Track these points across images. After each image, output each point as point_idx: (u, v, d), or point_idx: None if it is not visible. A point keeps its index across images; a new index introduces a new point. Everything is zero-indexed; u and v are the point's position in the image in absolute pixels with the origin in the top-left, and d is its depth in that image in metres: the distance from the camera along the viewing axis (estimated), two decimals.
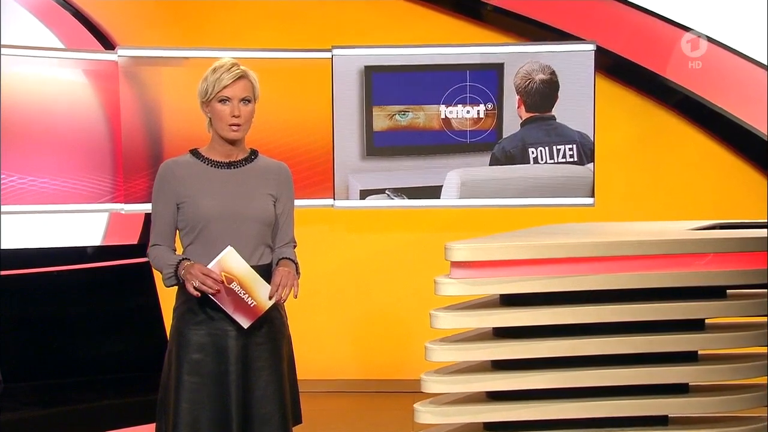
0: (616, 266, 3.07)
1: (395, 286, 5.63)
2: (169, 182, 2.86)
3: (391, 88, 5.18)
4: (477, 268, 3.06)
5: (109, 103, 4.99)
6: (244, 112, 2.85)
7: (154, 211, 2.90)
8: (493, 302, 3.23)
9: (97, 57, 5.03)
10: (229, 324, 2.80)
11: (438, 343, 3.12)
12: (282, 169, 2.99)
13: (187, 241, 2.87)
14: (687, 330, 3.14)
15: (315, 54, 5.20)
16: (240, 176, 2.89)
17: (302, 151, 5.18)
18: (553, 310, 3.08)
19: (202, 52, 5.08)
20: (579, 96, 5.14)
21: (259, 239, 2.87)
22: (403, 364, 5.46)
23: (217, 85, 2.83)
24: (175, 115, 5.01)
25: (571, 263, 3.06)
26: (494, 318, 3.12)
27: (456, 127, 5.20)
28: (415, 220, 5.60)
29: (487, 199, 5.19)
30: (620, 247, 3.07)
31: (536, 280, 3.05)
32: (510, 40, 5.50)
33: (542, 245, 3.06)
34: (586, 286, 3.06)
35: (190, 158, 2.91)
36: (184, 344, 2.81)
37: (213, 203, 2.83)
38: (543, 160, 5.18)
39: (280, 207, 2.94)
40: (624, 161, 5.55)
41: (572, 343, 3.08)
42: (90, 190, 4.96)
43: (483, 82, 5.17)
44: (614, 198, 5.44)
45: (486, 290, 3.12)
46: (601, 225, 4.08)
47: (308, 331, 5.28)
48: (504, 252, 3.06)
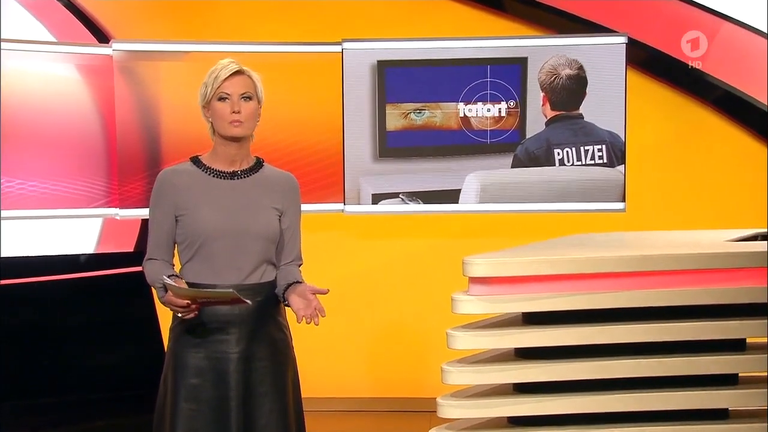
0: (648, 282, 3.05)
1: (410, 297, 5.62)
2: (167, 192, 2.86)
3: (405, 85, 5.17)
4: (497, 284, 3.06)
5: (104, 101, 5.00)
6: (245, 108, 2.85)
7: (150, 222, 2.91)
8: (514, 321, 3.22)
9: (90, 51, 5.04)
10: (231, 346, 2.80)
11: (455, 365, 3.12)
12: (289, 180, 2.99)
13: (186, 257, 2.87)
14: (726, 351, 3.12)
15: (323, 48, 5.19)
16: (243, 188, 2.89)
17: (310, 152, 5.17)
18: (579, 329, 3.07)
19: (202, 46, 5.09)
20: (609, 92, 5.12)
21: (262, 256, 2.87)
22: (419, 381, 5.45)
23: (215, 82, 2.86)
24: (174, 114, 5.01)
25: (600, 279, 3.04)
26: (516, 338, 3.11)
27: (475, 127, 5.19)
28: (431, 226, 5.58)
29: (508, 204, 5.17)
30: (653, 262, 3.05)
31: (561, 297, 3.04)
32: (534, 32, 5.48)
33: (568, 260, 3.04)
34: (616, 303, 3.05)
35: (190, 166, 2.91)
36: (181, 368, 2.81)
37: (214, 217, 2.83)
38: (569, 161, 5.16)
39: (285, 221, 2.94)
40: (658, 163, 5.52)
41: (601, 365, 3.07)
42: (82, 193, 4.97)
43: (505, 77, 5.16)
44: (647, 203, 5.41)
45: (507, 308, 3.12)
46: (633, 235, 4.06)
47: (316, 345, 5.27)
48: (526, 267, 3.05)
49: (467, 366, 3.12)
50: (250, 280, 2.82)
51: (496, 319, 3.24)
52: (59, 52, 4.95)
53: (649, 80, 5.50)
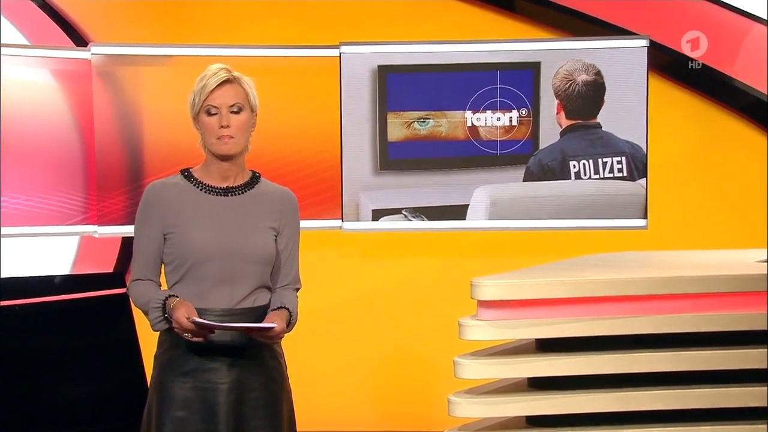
0: (673, 306, 3.06)
1: (414, 322, 5.61)
2: (156, 208, 2.86)
3: (408, 92, 5.19)
4: (509, 308, 3.07)
5: (81, 109, 5.01)
6: (234, 121, 2.85)
7: (137, 239, 2.90)
8: (527, 348, 3.22)
9: (66, 55, 5.06)
10: (220, 375, 2.80)
11: (463, 396, 3.13)
12: (287, 197, 2.99)
13: (174, 278, 2.86)
14: (758, 382, 3.12)
15: (320, 51, 5.21)
16: (238, 205, 2.89)
17: (305, 165, 5.18)
18: (598, 357, 3.07)
19: (188, 50, 5.11)
20: (629, 100, 5.13)
21: (256, 280, 2.87)
22: (425, 414, 5.44)
23: (202, 93, 2.85)
24: (158, 123, 5.03)
25: (620, 302, 3.05)
26: (529, 367, 3.12)
27: (484, 137, 5.20)
28: (436, 245, 5.58)
29: (520, 222, 5.18)
30: (678, 284, 3.06)
31: (579, 323, 3.05)
32: (548, 35, 5.49)
33: (587, 281, 3.05)
34: (638, 329, 3.06)
35: (180, 180, 2.91)
36: (167, 399, 2.80)
37: (206, 237, 2.83)
38: (586, 175, 5.16)
39: (282, 242, 2.94)
40: (683, 176, 5.52)
41: (622, 396, 3.08)
42: (57, 209, 4.97)
43: (516, 83, 5.17)
44: (671, 220, 5.41)
45: (519, 334, 3.12)
46: (655, 255, 4.08)
47: (313, 375, 5.27)
48: (541, 289, 3.06)
49: (476, 397, 3.12)
50: (243, 305, 2.81)
51: (508, 346, 3.25)
52: (33, 56, 4.97)
53: (673, 86, 5.50)
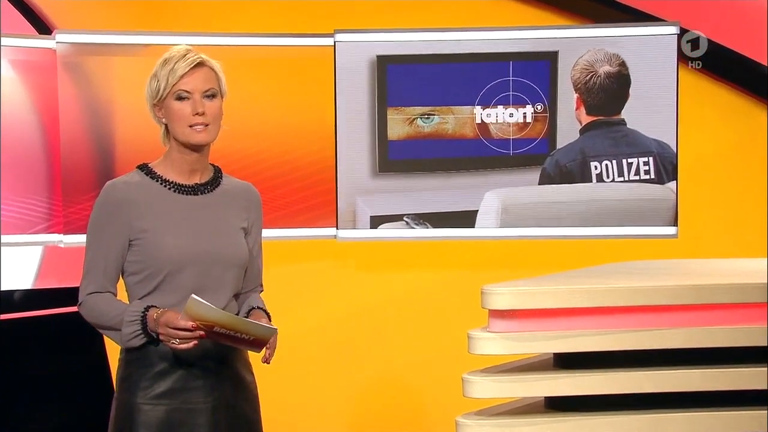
0: (706, 317, 3.06)
1: (417, 339, 5.62)
2: (121, 209, 2.83)
3: (410, 85, 5.20)
4: (523, 318, 3.07)
5: (45, 104, 5.02)
6: (209, 108, 2.85)
7: (93, 247, 2.85)
8: (544, 364, 3.22)
9: (28, 44, 5.07)
10: (202, 394, 2.79)
11: (473, 418, 3.12)
12: (251, 192, 3.01)
13: (143, 290, 2.83)
14: None
15: (313, 40, 5.22)
16: (208, 205, 2.89)
17: (296, 166, 5.18)
18: (622, 374, 3.08)
19: (164, 38, 5.12)
20: (657, 94, 5.15)
21: (232, 287, 2.89)
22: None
23: (171, 77, 2.84)
24: (131, 119, 5.03)
25: (647, 313, 3.05)
26: (546, 385, 3.12)
27: (495, 135, 5.21)
28: (441, 255, 5.59)
29: (535, 229, 5.18)
30: (712, 293, 3.06)
31: (601, 335, 3.05)
32: (566, 22, 5.51)
33: (609, 289, 3.05)
34: (667, 343, 3.06)
35: (141, 178, 2.88)
36: (143, 425, 2.78)
37: (181, 243, 2.82)
38: (609, 177, 5.17)
39: (250, 242, 2.96)
40: (716, 179, 5.53)
41: (650, 418, 3.07)
42: (18, 217, 4.97)
43: (531, 76, 5.19)
44: (703, 227, 5.42)
45: (535, 348, 3.12)
46: (686, 263, 4.08)
47: (304, 399, 5.26)
48: (559, 298, 3.06)
49: (487, 419, 3.12)
50: None
51: (523, 362, 3.25)
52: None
53: (705, 79, 5.52)
